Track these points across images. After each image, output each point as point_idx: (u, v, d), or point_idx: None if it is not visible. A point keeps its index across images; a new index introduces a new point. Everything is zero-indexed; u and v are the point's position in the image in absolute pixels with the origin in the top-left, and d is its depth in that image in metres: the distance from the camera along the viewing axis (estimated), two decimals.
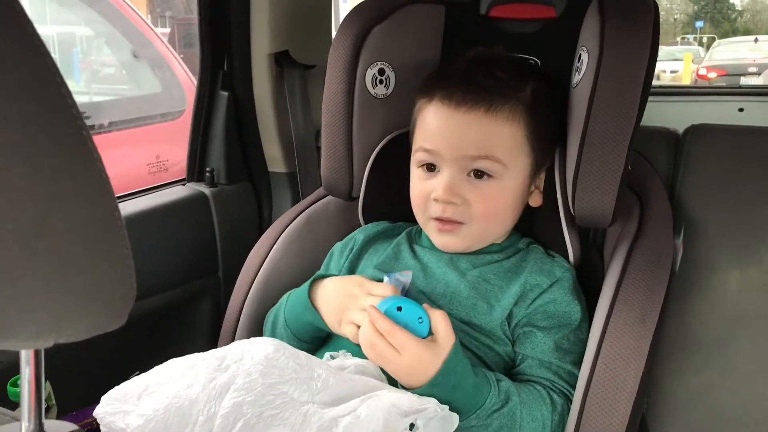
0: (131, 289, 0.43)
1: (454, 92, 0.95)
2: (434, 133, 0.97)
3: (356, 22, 1.09)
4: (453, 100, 0.95)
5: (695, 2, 34.93)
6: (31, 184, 0.37)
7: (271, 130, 1.54)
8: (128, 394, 0.79)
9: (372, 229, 1.11)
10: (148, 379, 0.81)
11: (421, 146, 0.98)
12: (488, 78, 0.96)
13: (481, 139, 0.94)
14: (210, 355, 0.83)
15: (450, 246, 1.00)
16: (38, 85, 0.38)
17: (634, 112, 0.92)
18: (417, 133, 1.01)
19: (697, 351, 1.18)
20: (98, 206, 0.41)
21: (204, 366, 0.80)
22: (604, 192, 0.95)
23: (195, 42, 1.52)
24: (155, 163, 2.55)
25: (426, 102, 0.99)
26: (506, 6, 1.11)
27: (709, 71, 9.41)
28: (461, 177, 0.95)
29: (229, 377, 0.77)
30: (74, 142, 0.40)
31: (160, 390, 0.78)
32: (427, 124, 0.98)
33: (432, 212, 0.98)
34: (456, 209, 0.96)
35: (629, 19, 0.94)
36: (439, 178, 0.97)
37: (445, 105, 0.96)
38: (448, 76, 0.99)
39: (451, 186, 0.95)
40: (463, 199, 0.95)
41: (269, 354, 0.80)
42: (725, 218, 1.17)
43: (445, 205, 0.96)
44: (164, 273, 1.37)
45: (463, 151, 0.94)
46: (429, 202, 0.98)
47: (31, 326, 0.39)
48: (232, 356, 0.81)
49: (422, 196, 0.99)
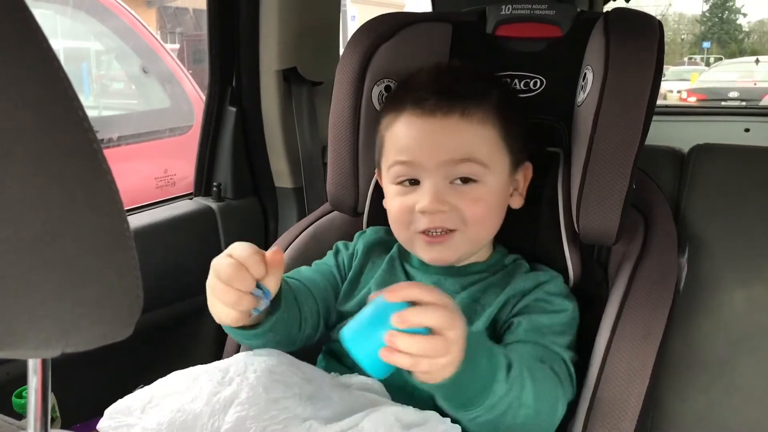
0: (138, 299, 0.44)
1: (426, 101, 0.93)
2: (410, 144, 0.95)
3: (363, 40, 1.10)
4: (426, 109, 0.93)
5: (702, 23, 35.02)
6: (44, 193, 0.38)
7: (278, 145, 1.56)
8: (132, 407, 0.79)
9: (370, 237, 1.09)
10: (151, 391, 0.80)
11: (397, 160, 0.96)
12: (456, 84, 0.95)
13: (461, 142, 0.93)
14: (213, 367, 0.82)
15: (441, 258, 0.97)
16: (51, 97, 0.39)
17: (638, 131, 0.93)
18: (387, 149, 0.99)
19: (702, 370, 1.18)
20: (108, 217, 0.41)
21: (207, 378, 0.80)
22: (609, 210, 0.95)
23: (204, 58, 1.54)
24: (163, 177, 2.57)
25: (394, 117, 0.97)
26: (512, 25, 1.12)
27: (690, 95, 8.99)
28: (445, 185, 0.93)
29: (233, 391, 0.77)
30: (85, 153, 0.40)
31: (163, 403, 0.78)
32: (399, 137, 0.96)
33: (419, 225, 0.94)
34: (446, 216, 0.93)
35: (634, 38, 0.95)
36: (421, 189, 0.94)
37: (417, 115, 0.94)
38: (415, 88, 0.97)
39: (437, 194, 0.92)
40: (451, 205, 0.93)
41: (272, 366, 0.80)
42: (730, 237, 1.17)
43: (433, 215, 0.93)
44: (170, 286, 1.38)
45: (444, 157, 0.92)
46: (413, 215, 0.95)
47: (40, 334, 0.39)
48: (235, 369, 0.81)
49: (404, 211, 0.96)
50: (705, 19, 34.75)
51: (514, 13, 1.11)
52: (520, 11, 1.11)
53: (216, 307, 0.82)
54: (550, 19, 1.10)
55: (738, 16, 34.35)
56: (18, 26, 0.38)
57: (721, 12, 33.96)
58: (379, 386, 0.88)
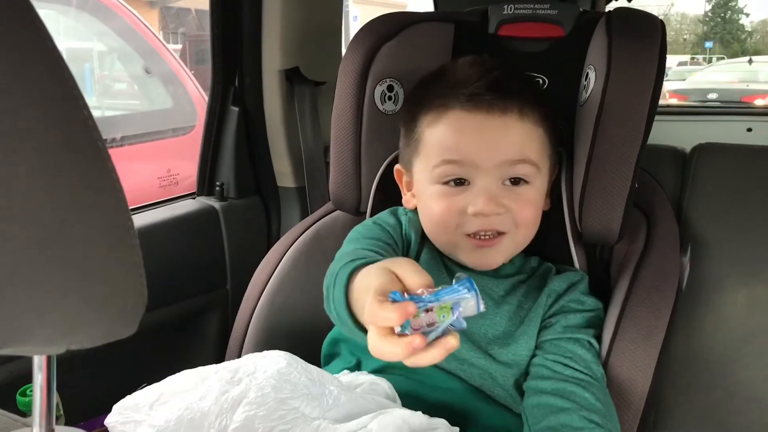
0: (143, 297, 0.44)
1: (480, 97, 0.89)
2: (463, 143, 0.90)
3: (366, 40, 1.11)
4: (481, 106, 0.89)
5: (705, 23, 34.97)
6: (50, 192, 0.38)
7: (280, 145, 1.56)
8: (140, 403, 0.79)
9: (416, 226, 1.00)
10: (161, 388, 0.81)
11: (446, 159, 0.91)
12: (512, 81, 0.93)
13: (518, 142, 0.91)
14: (223, 367, 0.83)
15: (488, 262, 0.94)
16: (57, 97, 0.39)
17: (641, 131, 0.93)
18: (430, 148, 0.94)
19: (704, 369, 1.18)
20: (112, 215, 0.42)
21: (217, 378, 0.80)
22: (611, 209, 0.96)
23: (206, 58, 1.54)
24: (166, 177, 2.57)
25: (438, 114, 0.93)
26: (514, 25, 1.12)
27: (671, 96, 8.86)
28: (498, 186, 0.90)
29: (242, 391, 0.77)
30: (91, 152, 0.41)
31: (172, 401, 0.78)
32: (448, 136, 0.91)
33: (469, 228, 0.91)
34: (500, 219, 0.90)
35: (636, 38, 0.95)
36: (473, 190, 0.90)
37: (470, 111, 0.90)
38: (462, 82, 0.92)
39: (492, 196, 0.89)
40: (506, 207, 0.90)
41: (282, 368, 0.80)
42: (732, 237, 1.18)
43: (487, 218, 0.90)
44: (173, 286, 1.38)
45: (502, 157, 0.90)
46: (463, 217, 0.91)
47: (46, 332, 0.40)
48: (245, 369, 0.81)
49: (452, 214, 0.91)
50: (707, 19, 34.72)
51: (517, 12, 1.12)
52: (523, 11, 1.11)
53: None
54: (553, 18, 1.10)
55: (740, 15, 34.31)
56: (23, 26, 0.39)
57: (724, 12, 33.92)
58: (388, 386, 0.88)
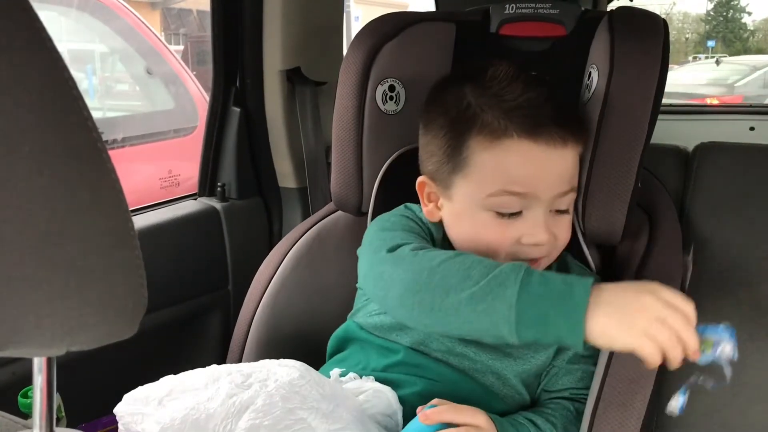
0: (143, 299, 0.44)
1: (544, 128, 0.87)
2: (528, 176, 0.88)
3: (367, 40, 1.10)
4: (543, 137, 0.87)
5: (707, 22, 34.95)
6: (49, 193, 0.38)
7: (282, 145, 1.56)
8: (150, 396, 0.79)
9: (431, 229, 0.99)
10: (172, 383, 0.81)
11: (507, 189, 0.88)
12: (569, 109, 0.93)
13: (572, 174, 0.92)
14: (237, 370, 0.82)
15: None
16: (56, 98, 0.39)
17: (644, 130, 0.93)
18: (485, 174, 0.89)
19: (707, 369, 1.17)
20: (112, 216, 0.42)
21: (228, 380, 0.79)
22: (614, 209, 0.95)
23: (208, 59, 1.54)
24: (167, 178, 2.57)
25: (493, 139, 0.88)
26: (516, 24, 1.12)
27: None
28: (547, 214, 0.91)
29: (250, 396, 0.77)
30: (90, 153, 0.40)
31: (181, 397, 0.78)
32: (510, 166, 0.88)
33: (522, 255, 0.90)
34: (547, 246, 0.92)
35: (639, 37, 0.95)
36: (528, 220, 0.89)
37: (534, 142, 0.87)
38: (522, 110, 0.88)
39: (549, 227, 0.90)
40: (554, 235, 0.92)
41: (294, 379, 0.80)
42: (735, 236, 1.17)
43: (542, 246, 0.90)
44: (175, 287, 1.38)
45: (559, 189, 0.90)
46: (516, 246, 0.90)
47: (45, 333, 0.40)
48: (257, 375, 0.81)
49: (507, 243, 0.90)
50: (710, 18, 34.68)
51: (518, 12, 1.11)
52: (524, 10, 1.11)
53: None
54: (554, 18, 1.10)
55: (743, 14, 34.29)
56: (23, 26, 0.38)
57: (726, 11, 33.89)
58: (392, 394, 0.88)
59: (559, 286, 0.74)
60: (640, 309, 0.71)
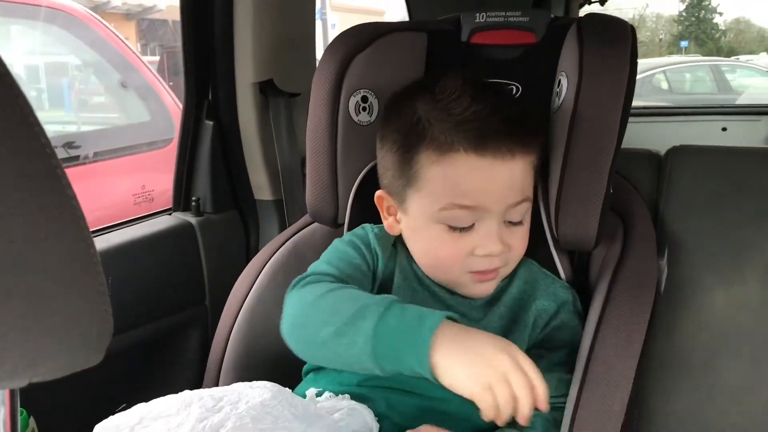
0: (108, 326, 0.43)
1: (490, 140, 0.87)
2: (476, 189, 0.88)
3: (339, 51, 1.10)
4: (489, 150, 0.87)
5: (680, 22, 35.42)
6: (6, 224, 0.37)
7: (257, 158, 1.55)
8: (122, 425, 0.78)
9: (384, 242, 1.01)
10: (143, 411, 0.80)
11: (456, 203, 0.89)
12: (523, 123, 0.91)
13: (524, 185, 0.92)
14: (207, 394, 0.82)
15: (488, 291, 0.97)
16: (12, 125, 0.38)
17: (614, 135, 0.94)
18: (434, 188, 0.90)
19: (685, 371, 1.18)
20: (73, 244, 0.41)
21: (199, 405, 0.79)
22: (587, 215, 0.96)
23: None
24: (140, 194, 2.55)
25: (441, 154, 0.88)
26: (487, 32, 1.12)
27: None
28: (501, 225, 0.91)
29: (221, 419, 0.76)
30: (48, 181, 0.40)
31: (152, 425, 0.77)
32: (458, 180, 0.89)
33: (476, 267, 0.92)
34: (503, 257, 0.93)
35: (607, 44, 0.96)
36: (481, 232, 0.90)
37: (480, 156, 0.87)
38: (468, 123, 0.88)
39: (501, 238, 0.91)
40: (509, 245, 0.92)
41: (266, 400, 0.80)
42: (709, 238, 1.18)
43: (494, 258, 0.91)
44: (151, 304, 1.36)
45: (511, 200, 0.90)
46: (468, 258, 0.92)
47: (5, 366, 0.39)
48: (228, 398, 0.80)
49: (459, 255, 0.91)
50: (682, 19, 35.16)
51: (488, 20, 1.12)
52: (494, 18, 1.11)
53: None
54: (524, 25, 1.10)
55: (714, 15, 34.80)
56: None
57: (698, 11, 34.37)
58: (368, 412, 0.87)
59: (412, 320, 0.77)
60: (491, 365, 0.74)
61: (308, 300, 0.87)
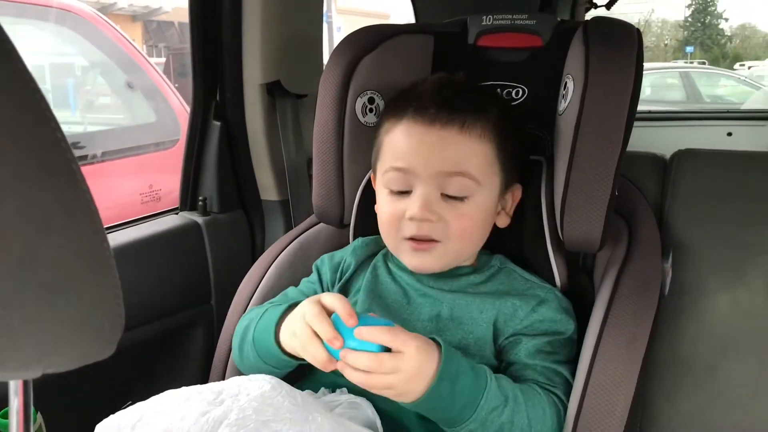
0: (120, 319, 0.44)
1: (427, 109, 0.95)
2: (407, 151, 0.96)
3: (346, 52, 1.11)
4: (426, 117, 0.94)
5: (685, 28, 35.37)
6: (23, 216, 0.38)
7: (263, 158, 1.56)
8: (122, 424, 0.78)
9: (361, 251, 1.09)
10: (143, 409, 0.80)
11: (392, 166, 0.97)
12: (458, 97, 0.97)
13: (457, 155, 0.94)
14: (206, 388, 0.82)
15: (425, 266, 0.98)
16: (29, 120, 0.39)
17: (620, 138, 0.94)
18: (384, 154, 1.00)
19: (688, 374, 1.18)
20: (87, 237, 0.41)
21: (199, 399, 0.79)
22: (592, 217, 0.96)
23: (189, 71, 1.54)
24: (148, 193, 2.56)
25: (394, 122, 0.98)
26: (493, 35, 1.13)
27: None
28: (436, 195, 0.94)
29: (223, 412, 0.77)
30: (64, 175, 0.40)
31: (153, 422, 0.78)
32: (396, 143, 0.97)
33: (406, 231, 0.96)
34: (432, 226, 0.94)
35: (613, 47, 0.96)
36: (412, 197, 0.95)
37: (417, 122, 0.95)
38: (417, 96, 0.98)
39: (427, 203, 0.93)
40: (439, 216, 0.94)
41: (266, 392, 0.80)
42: (713, 242, 1.18)
43: (421, 223, 0.94)
44: (157, 302, 1.37)
45: (438, 168, 0.93)
46: (402, 222, 0.96)
47: (20, 356, 0.39)
48: (228, 391, 0.81)
49: (394, 218, 0.97)
50: (688, 24, 35.12)
51: (495, 23, 1.12)
52: (501, 21, 1.12)
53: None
54: (531, 28, 1.11)
55: (720, 20, 34.75)
56: None
57: (704, 17, 34.33)
58: (368, 405, 0.88)
59: (270, 317, 0.96)
60: (294, 318, 0.88)
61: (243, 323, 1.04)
